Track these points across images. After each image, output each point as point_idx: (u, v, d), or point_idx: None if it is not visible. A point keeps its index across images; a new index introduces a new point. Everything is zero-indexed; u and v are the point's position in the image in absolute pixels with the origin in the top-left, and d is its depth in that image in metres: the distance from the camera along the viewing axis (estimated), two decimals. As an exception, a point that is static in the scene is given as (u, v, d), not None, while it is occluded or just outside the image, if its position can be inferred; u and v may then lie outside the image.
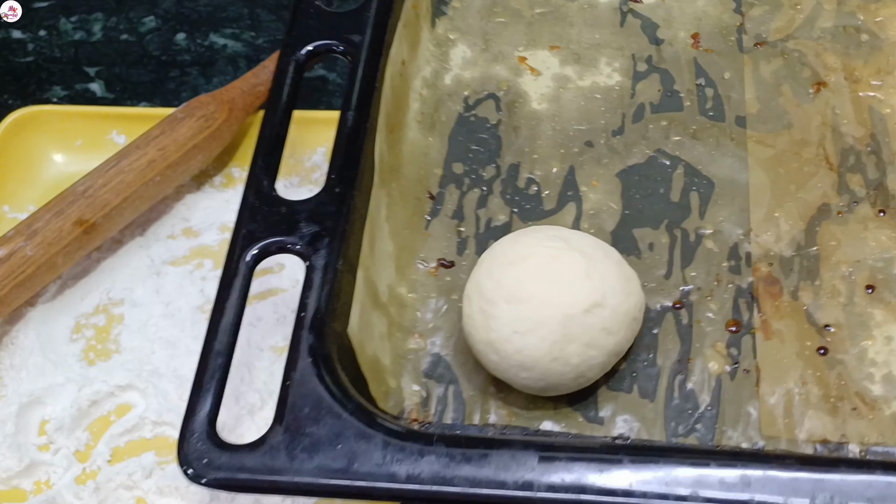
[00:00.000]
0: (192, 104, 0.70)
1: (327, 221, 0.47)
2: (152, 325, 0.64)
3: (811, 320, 0.48)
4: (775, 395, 0.46)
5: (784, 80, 0.56)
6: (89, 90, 0.82)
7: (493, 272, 0.46)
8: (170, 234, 0.69)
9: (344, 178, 0.48)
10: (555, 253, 0.46)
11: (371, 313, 0.48)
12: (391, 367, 0.48)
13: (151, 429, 0.60)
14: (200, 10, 0.88)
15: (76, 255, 0.65)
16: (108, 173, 0.66)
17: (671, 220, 0.52)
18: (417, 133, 0.55)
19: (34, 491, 0.58)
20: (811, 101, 0.55)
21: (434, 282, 0.51)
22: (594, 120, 0.56)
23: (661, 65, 0.58)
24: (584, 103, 0.56)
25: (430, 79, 0.58)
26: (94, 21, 0.87)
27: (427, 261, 0.52)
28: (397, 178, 0.52)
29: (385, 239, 0.50)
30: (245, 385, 0.61)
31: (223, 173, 0.73)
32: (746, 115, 0.55)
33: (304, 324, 0.44)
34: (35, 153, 0.72)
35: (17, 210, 0.70)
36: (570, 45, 0.59)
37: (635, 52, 0.58)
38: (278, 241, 0.47)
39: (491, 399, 0.48)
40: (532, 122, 0.56)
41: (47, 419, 0.60)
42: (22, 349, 0.63)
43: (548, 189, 0.54)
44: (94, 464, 0.59)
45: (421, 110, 0.56)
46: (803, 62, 0.57)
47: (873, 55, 0.56)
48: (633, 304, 0.46)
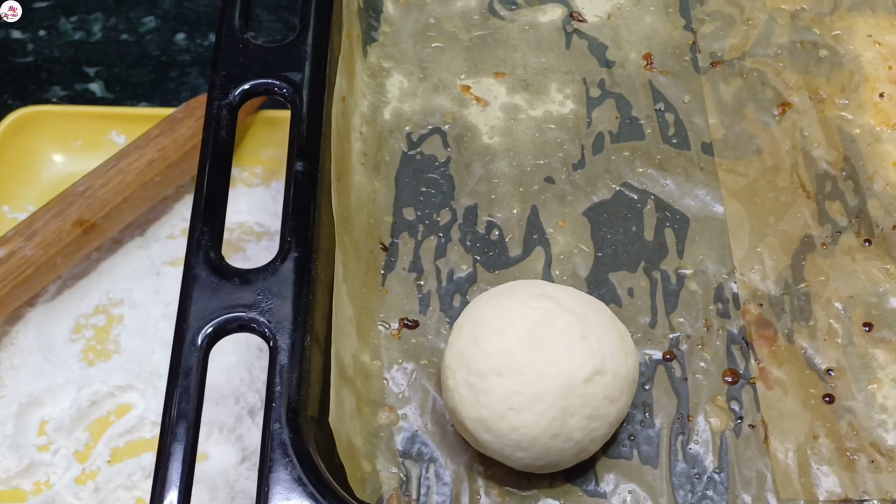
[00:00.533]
0: (192, 104, 0.70)
1: (287, 292, 0.41)
2: (152, 325, 0.64)
3: (811, 365, 0.45)
4: (787, 452, 0.43)
5: (746, 101, 0.53)
6: (89, 90, 0.82)
7: (478, 341, 0.41)
8: (169, 235, 0.69)
9: (301, 241, 0.42)
10: (545, 315, 0.41)
11: (340, 390, 0.42)
12: (363, 448, 0.43)
13: (151, 429, 0.60)
14: (200, 10, 0.87)
15: (76, 256, 0.65)
16: (107, 173, 0.66)
17: (648, 260, 0.48)
18: (363, 177, 0.50)
19: (34, 491, 0.58)
20: (777, 124, 0.52)
21: (399, 345, 0.46)
22: (552, 153, 0.52)
23: (615, 89, 0.54)
24: (538, 135, 0.52)
25: (368, 114, 0.53)
26: (94, 21, 0.87)
27: (388, 322, 0.47)
28: (348, 230, 0.47)
29: (344, 302, 0.45)
30: (245, 385, 0.61)
31: (223, 173, 0.72)
32: (712, 142, 0.52)
33: (277, 416, 0.38)
34: (35, 153, 0.72)
35: (17, 210, 0.70)
36: (516, 71, 0.55)
37: (586, 77, 0.55)
38: (236, 318, 0.40)
39: (479, 477, 0.43)
40: (485, 159, 0.51)
41: (47, 419, 0.60)
42: (22, 349, 0.63)
43: (511, 233, 0.49)
44: (94, 464, 0.59)
45: (363, 150, 0.51)
46: (763, 82, 0.54)
47: (834, 72, 0.54)
48: (631, 365, 0.42)
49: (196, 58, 0.83)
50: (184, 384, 0.40)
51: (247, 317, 0.40)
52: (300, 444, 0.37)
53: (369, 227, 0.49)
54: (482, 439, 0.41)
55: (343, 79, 0.50)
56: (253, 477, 0.57)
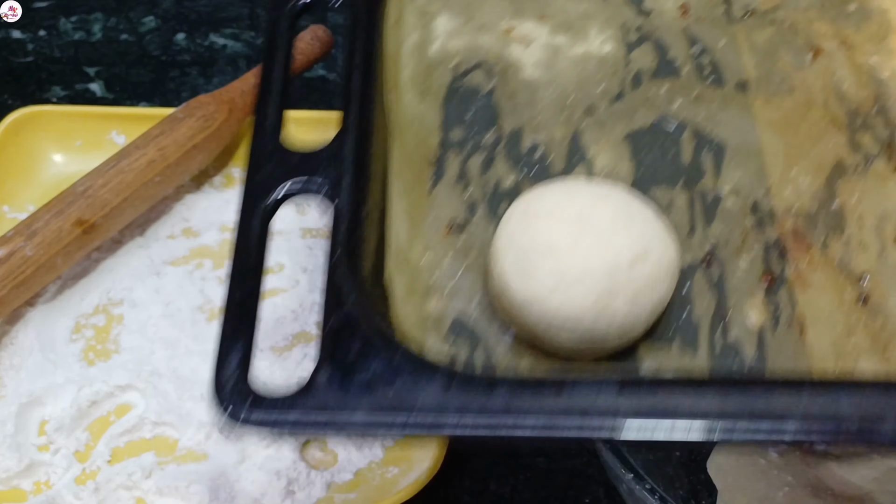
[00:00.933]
0: (192, 104, 0.70)
1: (349, 165, 0.44)
2: (152, 325, 0.65)
3: (846, 270, 0.48)
4: (823, 347, 0.46)
5: (779, 47, 0.57)
6: (89, 90, 0.82)
7: (527, 224, 0.44)
8: (170, 234, 0.69)
9: (362, 120, 0.46)
10: (594, 201, 0.44)
11: (393, 275, 0.45)
12: (412, 330, 0.45)
13: (151, 429, 0.60)
14: (200, 10, 0.88)
15: (76, 256, 0.65)
16: (107, 173, 0.66)
17: (686, 181, 0.51)
18: (412, 99, 0.54)
19: (34, 491, 0.58)
20: (810, 67, 0.56)
21: (448, 243, 0.49)
22: (592, 87, 0.55)
23: (652, 35, 0.57)
24: (579, 71, 0.56)
25: (416, 46, 0.56)
26: (94, 21, 0.87)
27: (438, 223, 0.49)
28: (398, 140, 0.50)
29: (398, 196, 0.48)
30: (245, 385, 0.61)
31: (223, 173, 0.73)
32: (747, 81, 0.55)
33: (339, 263, 0.41)
34: (35, 153, 0.72)
35: (17, 210, 0.70)
36: (557, 17, 0.58)
37: (624, 23, 0.58)
38: (301, 181, 0.44)
39: (524, 361, 0.45)
40: (529, 90, 0.55)
41: (47, 419, 0.60)
42: (22, 349, 0.63)
43: (553, 153, 0.52)
44: (94, 464, 0.59)
45: (412, 77, 0.54)
46: (795, 31, 0.57)
47: (864, 23, 0.57)
48: (673, 255, 0.45)
49: (196, 58, 0.84)
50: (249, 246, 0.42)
51: (310, 183, 0.44)
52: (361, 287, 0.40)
53: (418, 141, 0.52)
54: (527, 320, 0.43)
55: (392, 11, 0.54)
56: (253, 477, 0.57)
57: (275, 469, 0.58)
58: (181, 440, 0.59)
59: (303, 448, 0.59)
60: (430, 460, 0.55)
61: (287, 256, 0.67)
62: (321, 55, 0.75)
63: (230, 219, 0.70)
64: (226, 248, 0.68)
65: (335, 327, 0.39)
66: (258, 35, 0.84)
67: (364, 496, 0.57)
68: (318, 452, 0.59)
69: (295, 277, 0.67)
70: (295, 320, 0.65)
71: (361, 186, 0.44)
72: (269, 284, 0.66)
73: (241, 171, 0.72)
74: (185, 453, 0.59)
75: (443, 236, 0.48)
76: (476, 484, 0.59)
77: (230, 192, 0.71)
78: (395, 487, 0.56)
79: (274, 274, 0.67)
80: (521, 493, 0.59)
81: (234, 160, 0.73)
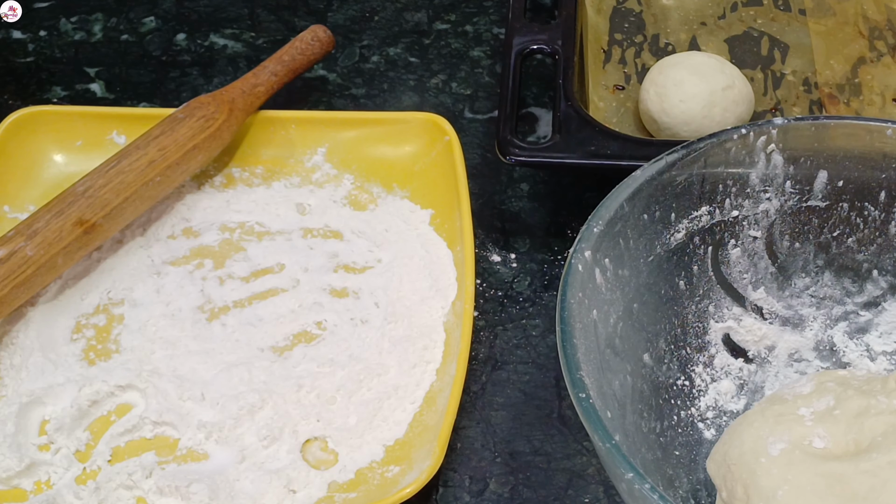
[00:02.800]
0: (192, 104, 0.71)
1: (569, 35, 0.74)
2: (152, 325, 0.65)
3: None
4: None
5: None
6: (89, 90, 0.82)
7: (662, 70, 0.73)
8: (170, 234, 0.69)
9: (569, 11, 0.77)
10: (704, 59, 0.74)
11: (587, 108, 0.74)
12: None
13: (151, 429, 0.60)
14: (200, 10, 0.88)
15: (76, 256, 0.65)
16: (108, 173, 0.66)
17: (763, 65, 0.80)
18: (592, 13, 0.81)
19: (34, 491, 0.58)
20: (847, 1, 0.85)
21: (613, 97, 0.77)
22: (705, 9, 0.84)
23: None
24: (698, 1, 0.85)
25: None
26: (94, 21, 0.87)
27: (607, 85, 0.78)
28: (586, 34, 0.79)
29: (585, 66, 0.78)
30: (244, 385, 0.61)
31: (223, 173, 0.73)
32: (805, 8, 0.84)
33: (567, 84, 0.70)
34: (35, 153, 0.72)
35: (17, 210, 0.70)
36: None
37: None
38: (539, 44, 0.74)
39: None
40: (664, 12, 0.84)
41: (47, 419, 0.61)
42: (22, 349, 0.63)
43: (680, 49, 0.81)
44: (95, 464, 0.59)
45: (590, 2, 0.82)
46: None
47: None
48: (749, 89, 0.74)
49: (196, 58, 0.84)
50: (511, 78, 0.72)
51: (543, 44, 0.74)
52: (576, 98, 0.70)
53: (594, 37, 0.81)
54: (662, 121, 0.72)
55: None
56: (253, 477, 0.57)
57: (275, 469, 0.58)
58: (181, 440, 0.59)
59: (303, 448, 0.59)
60: (430, 460, 0.55)
61: (287, 256, 0.67)
62: (321, 55, 0.75)
63: (230, 219, 0.70)
64: (226, 248, 0.68)
65: (561, 116, 0.69)
66: (258, 35, 0.84)
67: (364, 496, 0.57)
68: (318, 452, 0.59)
69: (295, 277, 0.67)
70: (295, 320, 0.65)
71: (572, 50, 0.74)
72: (268, 284, 0.66)
73: (241, 170, 0.72)
74: (185, 453, 0.59)
75: (611, 93, 0.77)
76: (476, 484, 0.59)
77: (230, 191, 0.71)
78: (395, 487, 0.56)
79: (274, 274, 0.67)
80: (521, 493, 0.59)
81: (234, 160, 0.73)
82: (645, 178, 0.55)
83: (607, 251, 0.54)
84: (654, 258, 0.57)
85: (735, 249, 0.60)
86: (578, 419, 0.46)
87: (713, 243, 0.60)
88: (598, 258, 0.53)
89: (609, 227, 0.54)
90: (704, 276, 0.60)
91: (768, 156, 0.58)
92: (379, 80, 0.81)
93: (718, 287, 0.61)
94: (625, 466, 0.44)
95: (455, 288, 0.65)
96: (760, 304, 0.61)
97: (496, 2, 0.87)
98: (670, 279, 0.59)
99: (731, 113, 0.71)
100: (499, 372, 0.64)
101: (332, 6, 0.87)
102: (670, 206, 0.57)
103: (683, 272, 0.59)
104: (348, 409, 0.60)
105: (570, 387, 0.48)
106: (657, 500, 0.43)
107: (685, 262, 0.59)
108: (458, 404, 0.58)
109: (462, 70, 0.82)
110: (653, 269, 0.57)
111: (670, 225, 0.58)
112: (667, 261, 0.58)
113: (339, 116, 0.74)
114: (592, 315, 0.52)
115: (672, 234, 0.58)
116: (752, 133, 0.57)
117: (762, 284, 0.61)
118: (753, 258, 0.61)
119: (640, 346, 0.57)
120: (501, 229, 0.71)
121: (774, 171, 0.58)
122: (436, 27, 0.85)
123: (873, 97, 0.77)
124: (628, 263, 0.56)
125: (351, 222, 0.70)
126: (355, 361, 0.62)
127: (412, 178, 0.71)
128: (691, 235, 0.59)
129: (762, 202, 0.59)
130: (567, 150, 0.66)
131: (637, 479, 0.44)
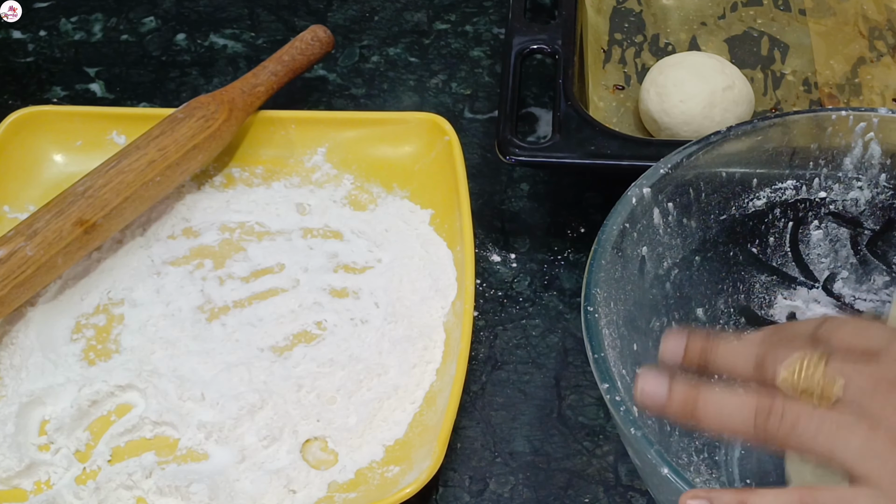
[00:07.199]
0: (192, 104, 0.71)
1: (569, 35, 0.74)
2: (152, 325, 0.65)
3: None
4: None
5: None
6: (89, 90, 0.82)
7: (662, 70, 0.74)
8: (170, 234, 0.69)
9: (569, 11, 0.76)
10: (704, 59, 0.74)
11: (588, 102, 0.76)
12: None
13: (151, 429, 0.60)
14: (200, 10, 0.88)
15: (76, 256, 0.65)
16: (108, 173, 0.66)
17: (763, 65, 0.80)
18: (592, 13, 0.81)
19: (34, 491, 0.58)
20: (847, 1, 0.85)
21: (613, 97, 0.77)
22: (705, 10, 0.84)
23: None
24: (697, 2, 0.85)
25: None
26: (94, 21, 0.87)
27: (607, 85, 0.78)
28: (586, 34, 0.80)
29: (585, 66, 0.78)
30: (244, 385, 0.61)
31: (223, 173, 0.73)
32: (805, 8, 0.84)
33: (567, 84, 0.70)
34: (35, 153, 0.72)
35: (17, 210, 0.70)
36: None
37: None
38: (538, 44, 0.74)
39: None
40: (664, 12, 0.84)
41: (47, 419, 0.61)
42: (22, 349, 0.63)
43: (680, 49, 0.81)
44: (95, 464, 0.59)
45: (590, 2, 0.82)
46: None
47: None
48: (749, 90, 0.74)
49: (196, 58, 0.84)
50: (511, 77, 0.72)
51: (543, 44, 0.74)
52: (575, 98, 0.70)
53: (594, 37, 0.80)
54: (662, 121, 0.72)
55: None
56: (253, 477, 0.57)
57: (275, 469, 0.58)
58: (181, 440, 0.59)
59: (303, 448, 0.59)
60: (430, 460, 0.55)
61: (287, 256, 0.67)
62: (321, 55, 0.75)
63: (230, 219, 0.70)
64: (226, 248, 0.68)
65: (561, 115, 0.68)
66: (258, 35, 0.84)
67: (364, 496, 0.57)
68: (318, 452, 0.59)
69: (295, 277, 0.67)
70: (295, 320, 0.65)
71: (572, 50, 0.74)
72: (268, 284, 0.66)
73: (241, 170, 0.72)
74: (185, 453, 0.59)
75: (611, 93, 0.78)
76: (476, 484, 0.59)
77: (230, 191, 0.71)
78: (395, 487, 0.56)
79: (274, 274, 0.67)
80: (521, 493, 0.59)
81: (234, 160, 0.73)
82: (728, 139, 0.55)
83: (672, 195, 0.55)
84: (728, 218, 0.57)
85: (817, 231, 0.59)
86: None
87: (795, 219, 0.59)
88: (659, 199, 0.54)
89: (676, 171, 0.54)
90: (780, 251, 0.59)
91: (866, 143, 0.56)
92: (379, 80, 0.81)
93: (794, 264, 0.60)
94: (613, 370, 0.46)
95: (455, 288, 0.65)
96: (837, 291, 0.60)
97: (496, 2, 0.87)
98: (742, 244, 0.58)
99: (731, 113, 0.72)
100: (498, 372, 0.64)
101: (332, 6, 0.86)
102: (753, 171, 0.57)
103: (758, 240, 0.59)
104: (348, 410, 0.60)
105: (583, 299, 0.50)
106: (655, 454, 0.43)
107: (761, 231, 0.58)
108: (458, 404, 0.58)
109: (462, 70, 0.82)
110: (724, 227, 0.57)
111: (751, 190, 0.57)
112: (741, 224, 0.58)
113: (339, 116, 0.74)
114: (641, 250, 0.54)
115: (751, 200, 0.57)
116: (851, 116, 0.56)
117: (841, 273, 0.60)
118: (836, 245, 0.60)
119: (696, 300, 0.58)
120: (501, 229, 0.72)
121: (871, 160, 0.57)
122: (436, 27, 0.85)
123: (873, 97, 0.77)
124: (696, 215, 0.56)
125: (351, 222, 0.70)
126: (355, 361, 0.62)
127: (412, 178, 0.71)
128: (772, 206, 0.58)
129: (853, 189, 0.58)
130: (567, 150, 0.67)
131: (611, 391, 0.45)
